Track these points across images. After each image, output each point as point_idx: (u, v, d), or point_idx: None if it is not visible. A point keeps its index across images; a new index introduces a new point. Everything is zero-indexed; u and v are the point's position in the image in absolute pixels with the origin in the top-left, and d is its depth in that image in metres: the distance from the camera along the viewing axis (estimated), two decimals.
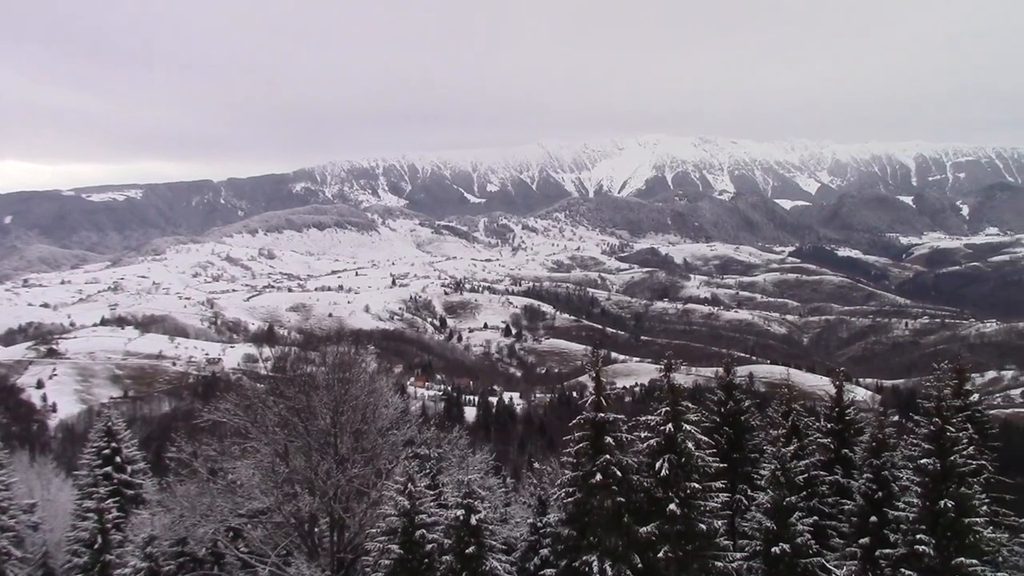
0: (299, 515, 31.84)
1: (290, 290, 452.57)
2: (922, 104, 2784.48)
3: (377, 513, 30.89)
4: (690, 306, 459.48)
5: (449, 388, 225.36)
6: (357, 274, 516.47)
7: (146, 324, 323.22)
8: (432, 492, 30.04)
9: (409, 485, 27.62)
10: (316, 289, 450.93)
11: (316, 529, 32.84)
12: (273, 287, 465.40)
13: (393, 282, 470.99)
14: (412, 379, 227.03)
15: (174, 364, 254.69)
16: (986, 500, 27.07)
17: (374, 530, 29.55)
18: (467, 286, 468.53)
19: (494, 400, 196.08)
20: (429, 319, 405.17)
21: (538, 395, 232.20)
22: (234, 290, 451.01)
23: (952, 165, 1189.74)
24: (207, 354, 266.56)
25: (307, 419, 32.81)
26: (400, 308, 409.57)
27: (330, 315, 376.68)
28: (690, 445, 26.05)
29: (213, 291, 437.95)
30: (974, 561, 24.88)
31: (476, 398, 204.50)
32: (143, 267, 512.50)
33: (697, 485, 25.93)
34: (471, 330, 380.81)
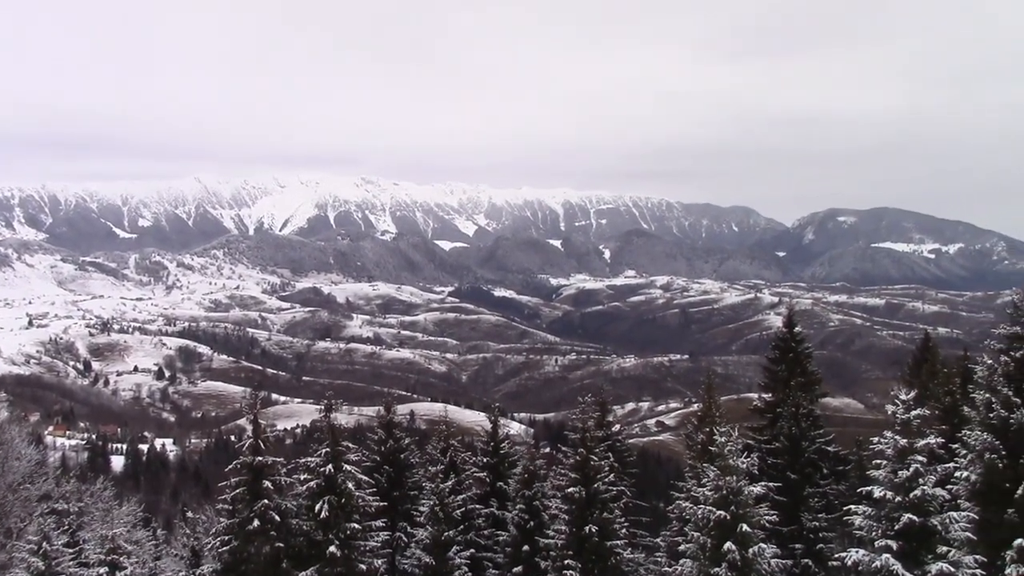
0: None
1: None
2: (569, 154, 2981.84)
3: None
4: (353, 345, 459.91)
5: (94, 436, 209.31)
6: None
7: None
8: (71, 550, 27.78)
9: (44, 544, 25.33)
10: None
11: None
12: None
13: (30, 323, 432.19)
14: (51, 428, 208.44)
15: None
16: (625, 523, 29.13)
17: None
18: (116, 327, 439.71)
19: (145, 447, 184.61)
20: (72, 362, 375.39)
21: (194, 440, 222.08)
22: None
23: (596, 212, 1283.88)
24: None
25: None
26: (38, 351, 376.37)
27: None
28: (350, 485, 25.93)
29: None
30: None
31: (125, 446, 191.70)
32: None
33: (357, 525, 25.84)
34: (120, 374, 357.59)
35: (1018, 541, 21.77)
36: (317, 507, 25.40)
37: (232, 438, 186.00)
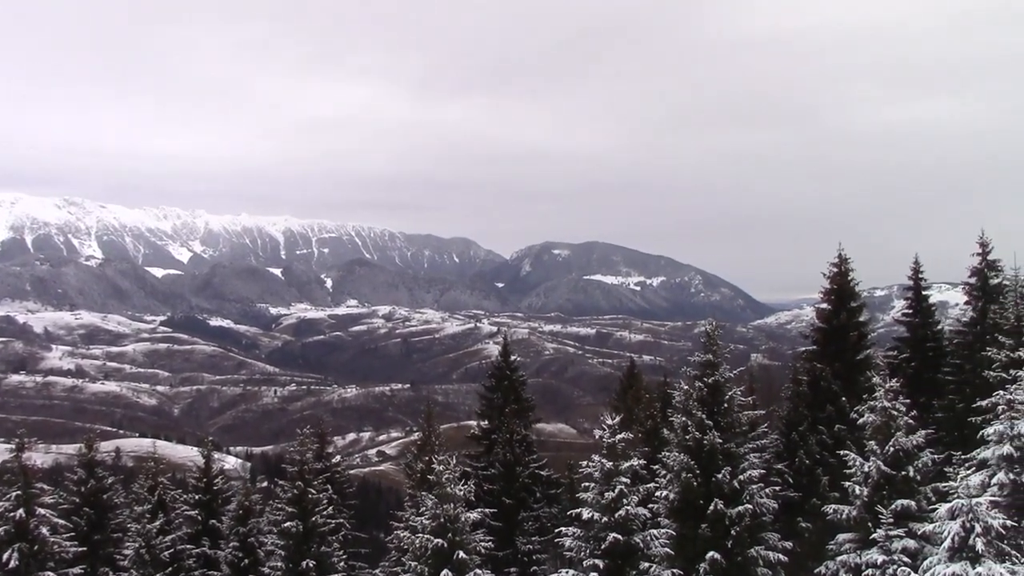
0: None
1: None
2: (291, 182, 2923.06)
3: None
4: (51, 379, 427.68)
5: None
6: None
7: None
8: None
9: None
10: None
11: None
12: None
13: None
14: None
15: None
16: (344, 556, 28.89)
17: None
18: None
19: None
20: None
21: None
22: None
23: (318, 240, 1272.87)
24: None
25: None
26: None
27: None
28: (45, 531, 24.14)
29: None
30: None
31: None
32: None
33: (52, 574, 24.11)
34: None
35: (711, 554, 23.52)
36: (5, 556, 23.47)
37: None
